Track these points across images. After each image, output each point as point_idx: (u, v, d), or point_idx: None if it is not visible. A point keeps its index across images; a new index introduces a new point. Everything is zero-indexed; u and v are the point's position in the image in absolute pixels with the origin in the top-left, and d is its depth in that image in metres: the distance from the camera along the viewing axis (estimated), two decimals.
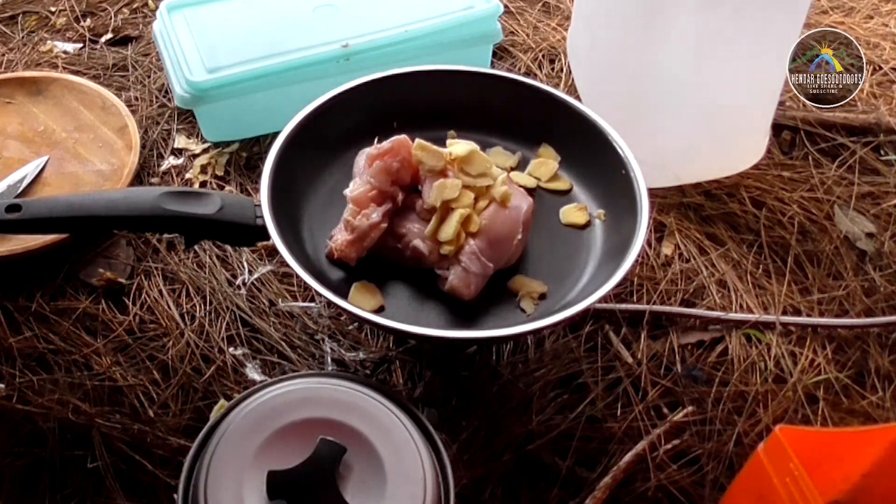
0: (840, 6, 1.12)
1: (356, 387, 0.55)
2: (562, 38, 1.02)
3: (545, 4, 1.09)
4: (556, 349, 0.70)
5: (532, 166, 0.74)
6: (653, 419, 0.66)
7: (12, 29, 1.04)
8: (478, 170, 0.65)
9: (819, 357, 0.71)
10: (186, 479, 0.51)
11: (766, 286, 0.77)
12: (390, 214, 0.65)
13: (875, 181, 0.88)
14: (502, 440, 0.64)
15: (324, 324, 0.72)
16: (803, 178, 0.87)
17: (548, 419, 0.66)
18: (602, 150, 0.70)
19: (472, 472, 0.62)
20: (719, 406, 0.67)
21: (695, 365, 0.70)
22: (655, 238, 0.80)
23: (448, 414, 0.66)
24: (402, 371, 0.69)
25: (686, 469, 0.64)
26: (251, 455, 0.50)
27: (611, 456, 0.64)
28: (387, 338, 0.71)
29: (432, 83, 0.75)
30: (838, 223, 0.83)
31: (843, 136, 0.91)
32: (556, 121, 0.74)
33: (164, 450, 0.63)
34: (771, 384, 0.69)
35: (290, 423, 0.52)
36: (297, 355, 0.70)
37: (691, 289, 0.76)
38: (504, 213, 0.64)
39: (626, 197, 0.67)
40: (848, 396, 0.69)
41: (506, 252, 0.64)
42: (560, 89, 0.87)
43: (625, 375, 0.69)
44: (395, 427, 0.52)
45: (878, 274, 0.78)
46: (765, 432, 0.65)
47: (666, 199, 0.83)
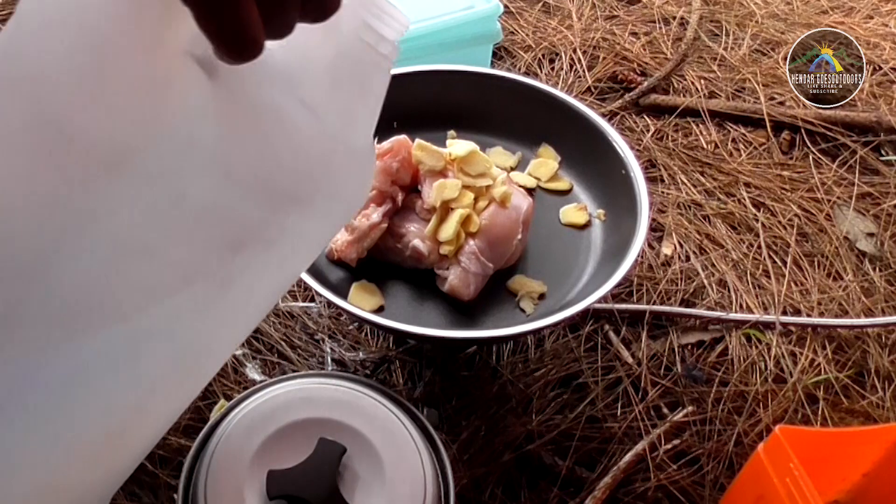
0: (840, 6, 1.12)
1: (356, 387, 0.55)
2: (562, 37, 1.02)
3: (545, 4, 1.09)
4: (556, 349, 0.70)
5: (532, 166, 0.74)
6: (653, 419, 0.66)
7: None
8: (478, 170, 0.65)
9: (819, 357, 0.71)
10: (186, 479, 0.51)
11: (766, 286, 0.77)
12: (390, 214, 0.65)
13: (875, 181, 0.88)
14: (502, 440, 0.64)
15: (324, 324, 0.72)
16: (803, 178, 0.87)
17: (548, 419, 0.66)
18: (602, 150, 0.70)
19: (472, 472, 0.62)
20: (719, 406, 0.67)
21: (695, 365, 0.70)
22: (655, 238, 0.80)
23: (448, 414, 0.66)
24: (402, 371, 0.69)
25: (686, 469, 0.64)
26: (251, 455, 0.50)
27: (611, 456, 0.64)
28: (387, 338, 0.71)
29: (432, 83, 0.75)
30: (838, 223, 0.83)
31: (843, 136, 0.91)
32: (556, 121, 0.74)
33: (164, 449, 0.63)
34: (771, 384, 0.69)
35: (290, 423, 0.52)
36: (297, 355, 0.70)
37: (691, 289, 0.76)
38: (504, 213, 0.64)
39: (626, 197, 0.67)
40: (848, 396, 0.69)
41: (505, 252, 0.64)
42: (560, 89, 0.87)
43: (625, 375, 0.69)
44: (395, 427, 0.52)
45: (877, 274, 0.78)
46: (765, 432, 0.65)
47: (666, 199, 0.83)
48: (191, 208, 0.33)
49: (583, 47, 1.01)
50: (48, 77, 0.29)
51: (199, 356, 0.40)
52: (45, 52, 0.29)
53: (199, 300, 0.36)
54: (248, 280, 0.37)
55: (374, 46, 0.39)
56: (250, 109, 0.34)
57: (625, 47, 1.02)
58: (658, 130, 0.93)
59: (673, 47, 1.04)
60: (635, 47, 1.03)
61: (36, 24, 0.29)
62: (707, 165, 0.89)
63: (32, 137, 0.30)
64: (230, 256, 0.35)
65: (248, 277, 0.37)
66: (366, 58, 0.39)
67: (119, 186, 0.31)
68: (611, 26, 1.06)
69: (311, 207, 0.37)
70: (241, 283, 0.37)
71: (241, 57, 0.30)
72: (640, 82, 0.97)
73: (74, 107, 0.30)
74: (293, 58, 0.36)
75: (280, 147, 0.35)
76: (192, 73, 0.32)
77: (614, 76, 0.99)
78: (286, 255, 0.39)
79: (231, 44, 0.30)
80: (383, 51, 0.39)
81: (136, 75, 0.30)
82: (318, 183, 0.36)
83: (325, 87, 0.37)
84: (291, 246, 0.38)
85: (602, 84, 0.98)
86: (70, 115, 0.30)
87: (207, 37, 0.30)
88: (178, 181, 0.32)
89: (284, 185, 0.35)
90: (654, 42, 1.04)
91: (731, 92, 0.98)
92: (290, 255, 0.39)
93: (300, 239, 0.38)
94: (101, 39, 0.30)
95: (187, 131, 0.32)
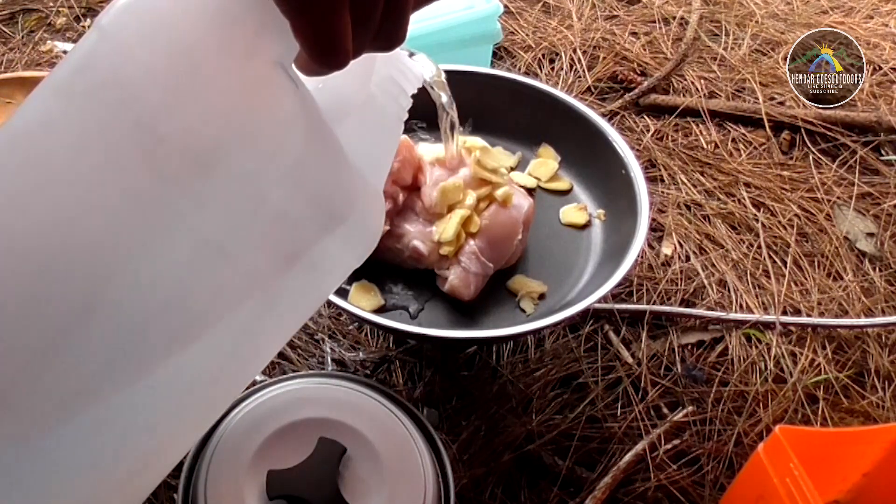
0: (840, 6, 1.12)
1: (356, 387, 0.55)
2: (562, 37, 1.02)
3: (545, 4, 1.09)
4: (556, 349, 0.70)
5: (532, 166, 0.74)
6: (653, 419, 0.66)
7: (12, 29, 1.04)
8: (492, 164, 0.65)
9: (819, 357, 0.71)
10: (186, 479, 0.51)
11: (766, 286, 0.77)
12: (392, 215, 0.65)
13: (875, 181, 0.88)
14: (502, 440, 0.64)
15: (324, 324, 0.72)
16: (803, 178, 0.87)
17: (548, 419, 0.66)
18: (602, 150, 0.70)
19: (472, 472, 0.62)
20: (719, 406, 0.67)
21: (695, 365, 0.70)
22: (655, 238, 0.80)
23: (448, 414, 0.66)
24: (402, 371, 0.69)
25: (686, 469, 0.64)
26: (251, 455, 0.50)
27: (611, 456, 0.64)
28: (386, 338, 0.71)
29: None
30: (838, 223, 0.83)
31: (843, 136, 0.91)
32: (556, 121, 0.74)
33: None
34: (771, 384, 0.69)
35: (290, 423, 0.52)
36: (297, 355, 0.70)
37: (691, 289, 0.76)
38: (505, 214, 0.64)
39: (626, 197, 0.67)
40: (848, 396, 0.69)
41: (506, 252, 0.64)
42: (560, 89, 0.87)
43: (625, 375, 0.69)
44: (395, 427, 0.52)
45: (877, 274, 0.78)
46: (765, 432, 0.65)
47: (666, 199, 0.83)
48: (267, 214, 0.35)
49: (583, 47, 1.02)
50: (137, 82, 0.31)
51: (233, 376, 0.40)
52: (135, 61, 0.31)
53: (251, 314, 0.37)
54: (290, 298, 0.38)
55: (396, 98, 0.42)
56: (319, 129, 0.36)
57: (625, 47, 1.02)
58: (658, 130, 0.93)
59: (673, 47, 1.04)
60: (635, 47, 1.03)
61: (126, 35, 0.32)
62: (707, 165, 0.89)
63: (124, 138, 0.31)
64: (284, 270, 0.36)
65: (292, 295, 0.38)
66: (389, 108, 0.41)
67: (208, 185, 0.33)
68: (611, 26, 1.06)
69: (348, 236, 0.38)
70: (285, 301, 0.38)
71: (332, 64, 0.32)
72: (640, 82, 0.97)
73: (165, 109, 0.32)
74: (332, 99, 0.38)
75: (337, 169, 0.37)
76: (283, 82, 0.34)
77: (614, 76, 0.99)
78: (322, 277, 0.40)
79: (324, 51, 0.32)
80: (403, 103, 0.42)
81: (228, 81, 0.33)
82: (356, 212, 0.38)
83: (357, 129, 0.40)
84: (326, 271, 0.39)
85: (602, 84, 0.98)
86: (160, 116, 0.32)
87: (302, 43, 0.32)
88: (263, 184, 0.34)
89: (336, 206, 0.37)
90: (654, 42, 1.04)
91: (731, 92, 0.98)
92: (324, 279, 0.40)
93: (333, 266, 0.40)
94: (193, 47, 0.32)
95: (276, 136, 0.34)
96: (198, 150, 0.32)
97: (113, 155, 0.32)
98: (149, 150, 0.32)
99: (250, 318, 0.37)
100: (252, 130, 0.33)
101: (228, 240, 0.34)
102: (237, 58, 0.33)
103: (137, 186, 0.32)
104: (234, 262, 0.35)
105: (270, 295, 0.37)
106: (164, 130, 0.31)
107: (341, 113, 0.39)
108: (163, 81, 0.32)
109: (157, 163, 0.32)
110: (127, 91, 0.31)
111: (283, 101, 0.34)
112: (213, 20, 0.32)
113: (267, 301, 0.37)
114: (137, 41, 0.32)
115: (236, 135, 0.33)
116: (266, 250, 0.35)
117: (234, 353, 0.38)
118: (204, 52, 0.32)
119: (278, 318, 0.39)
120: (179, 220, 0.33)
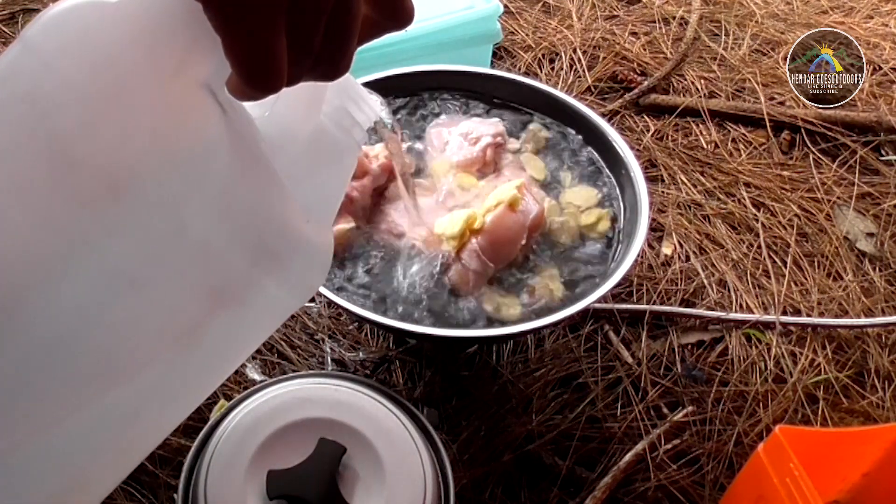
0: (840, 6, 1.12)
1: (356, 387, 0.55)
2: (562, 37, 1.02)
3: (545, 4, 1.09)
4: (556, 349, 0.70)
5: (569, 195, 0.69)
6: (653, 419, 0.66)
7: (12, 29, 1.04)
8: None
9: (819, 357, 0.71)
10: (186, 479, 0.51)
11: (766, 286, 0.77)
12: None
13: (875, 181, 0.88)
14: (502, 440, 0.64)
15: (324, 324, 0.72)
16: (803, 178, 0.87)
17: (548, 419, 0.66)
18: (602, 150, 0.70)
19: (472, 472, 0.62)
20: (719, 406, 0.67)
21: (695, 365, 0.70)
22: (655, 238, 0.80)
23: (448, 414, 0.66)
24: (402, 371, 0.69)
25: (686, 469, 0.64)
26: (251, 455, 0.50)
27: (611, 456, 0.64)
28: (387, 338, 0.71)
29: (432, 83, 0.75)
30: (838, 223, 0.83)
31: (843, 136, 0.91)
32: (556, 120, 0.74)
33: (164, 449, 0.63)
34: (771, 384, 0.69)
35: (290, 423, 0.52)
36: (297, 355, 0.70)
37: (691, 289, 0.76)
38: (511, 217, 0.63)
39: (626, 197, 0.67)
40: (848, 396, 0.69)
41: (508, 254, 0.64)
42: (560, 89, 0.87)
43: (625, 375, 0.69)
44: (395, 427, 0.52)
45: (877, 274, 0.78)
46: (765, 432, 0.65)
47: (666, 199, 0.83)
48: (187, 245, 0.32)
49: (583, 47, 1.01)
50: (53, 97, 0.29)
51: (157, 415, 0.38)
52: (55, 74, 0.29)
53: (171, 351, 0.34)
54: (216, 337, 0.36)
55: (349, 131, 0.39)
56: (252, 158, 0.34)
57: (625, 47, 1.02)
58: (658, 130, 0.93)
59: (673, 47, 1.03)
60: (635, 47, 1.03)
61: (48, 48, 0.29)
62: (707, 165, 0.89)
63: (34, 156, 0.29)
64: (208, 306, 0.34)
65: (218, 335, 0.36)
66: (340, 141, 0.39)
67: (120, 211, 0.30)
68: (611, 26, 1.06)
69: (285, 273, 0.36)
70: (210, 340, 0.36)
71: (262, 87, 0.30)
72: (640, 82, 0.97)
73: (80, 127, 0.30)
74: (277, 127, 0.36)
75: (271, 203, 0.34)
76: (210, 106, 0.32)
77: (614, 76, 0.99)
78: (255, 318, 0.38)
79: (253, 71, 0.29)
80: (357, 136, 0.39)
81: (149, 99, 0.30)
82: (294, 250, 0.36)
83: (304, 160, 0.37)
84: (260, 310, 0.37)
85: (602, 84, 0.98)
86: (74, 136, 0.29)
87: (231, 62, 0.29)
88: (183, 213, 0.32)
89: (268, 241, 0.34)
90: (654, 42, 1.04)
91: (731, 92, 0.98)
92: (257, 321, 0.38)
93: (269, 305, 0.37)
94: (116, 61, 0.30)
95: (198, 163, 0.32)
96: (111, 174, 0.30)
97: (20, 174, 0.30)
98: (58, 171, 0.29)
99: (171, 355, 0.34)
100: (172, 155, 0.31)
101: (141, 270, 0.32)
102: (162, 75, 0.30)
103: (42, 209, 0.30)
104: (149, 294, 0.32)
105: (194, 332, 0.34)
106: (78, 151, 0.29)
107: (286, 143, 0.37)
108: (81, 97, 0.29)
109: (66, 184, 0.30)
110: (41, 106, 0.29)
111: (208, 126, 0.32)
112: (143, 32, 0.30)
113: (191, 338, 0.35)
114: (59, 53, 0.29)
115: (154, 159, 0.30)
116: (186, 284, 0.33)
117: (154, 390, 0.35)
118: (128, 66, 0.30)
119: (205, 357, 0.37)
120: (86, 248, 0.30)
